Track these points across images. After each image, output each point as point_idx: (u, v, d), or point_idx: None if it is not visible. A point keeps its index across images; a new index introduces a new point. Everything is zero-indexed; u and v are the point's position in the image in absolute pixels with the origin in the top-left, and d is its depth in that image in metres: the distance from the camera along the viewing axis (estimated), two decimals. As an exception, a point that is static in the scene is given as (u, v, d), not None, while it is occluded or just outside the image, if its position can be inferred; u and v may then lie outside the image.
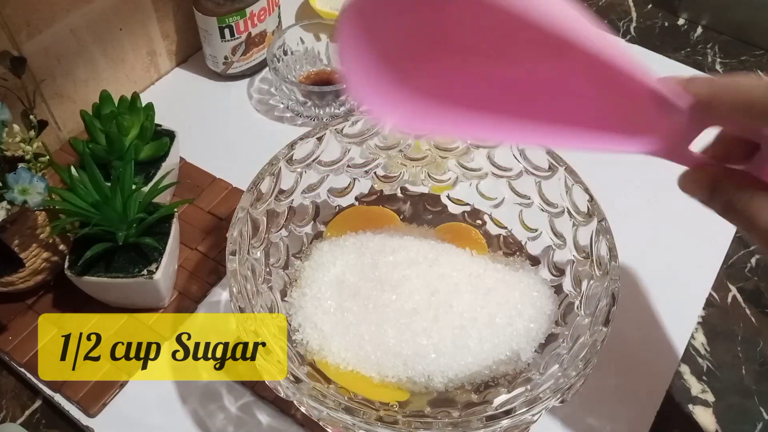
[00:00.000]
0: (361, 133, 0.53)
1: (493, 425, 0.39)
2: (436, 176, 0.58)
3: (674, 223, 0.63)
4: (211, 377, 0.52)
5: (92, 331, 0.53)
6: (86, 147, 0.53)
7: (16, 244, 0.49)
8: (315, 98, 0.67)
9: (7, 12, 0.55)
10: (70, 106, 0.65)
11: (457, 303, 0.50)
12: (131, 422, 0.50)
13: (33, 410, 0.52)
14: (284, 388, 0.42)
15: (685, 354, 0.56)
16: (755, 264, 0.62)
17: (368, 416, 0.39)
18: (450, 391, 0.48)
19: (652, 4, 0.87)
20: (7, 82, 0.51)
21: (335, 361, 0.48)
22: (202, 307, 0.56)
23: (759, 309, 0.59)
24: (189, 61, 0.76)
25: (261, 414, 0.51)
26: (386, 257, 0.52)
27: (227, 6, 0.66)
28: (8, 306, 0.54)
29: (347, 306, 0.50)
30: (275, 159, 0.50)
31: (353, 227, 0.56)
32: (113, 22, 0.65)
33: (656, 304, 0.57)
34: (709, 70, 0.78)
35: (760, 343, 0.57)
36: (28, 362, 0.52)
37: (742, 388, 0.55)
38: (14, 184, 0.45)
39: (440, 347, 0.48)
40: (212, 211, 0.61)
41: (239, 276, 0.44)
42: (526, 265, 0.54)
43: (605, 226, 0.46)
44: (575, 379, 0.41)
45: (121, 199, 0.50)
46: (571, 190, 0.49)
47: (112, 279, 0.50)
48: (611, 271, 0.44)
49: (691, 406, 0.54)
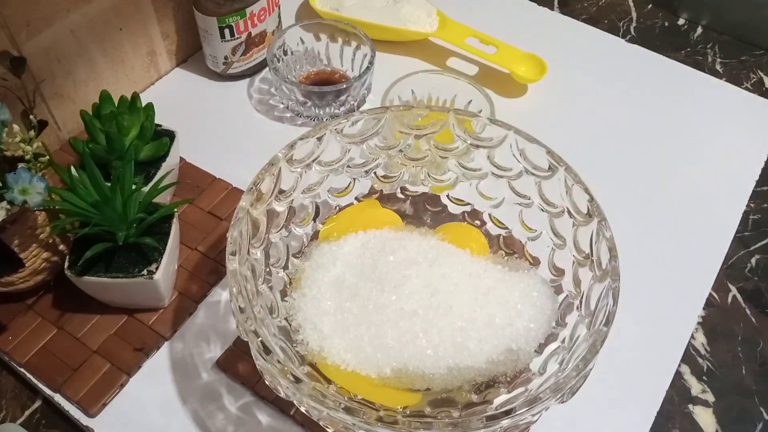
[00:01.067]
0: (361, 133, 0.53)
1: (493, 425, 0.39)
2: (436, 176, 0.58)
3: (674, 223, 0.63)
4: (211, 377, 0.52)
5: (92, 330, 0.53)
6: (86, 147, 0.53)
7: (16, 244, 0.49)
8: (315, 98, 0.67)
9: (7, 12, 0.55)
10: (70, 106, 0.65)
11: (456, 303, 0.50)
12: (131, 422, 0.50)
13: (33, 410, 0.52)
14: (284, 388, 0.42)
15: (685, 354, 0.56)
16: (755, 264, 0.62)
17: (368, 416, 0.39)
18: (450, 391, 0.48)
19: (652, 4, 0.87)
20: (7, 82, 0.51)
21: (335, 361, 0.48)
22: (202, 307, 0.56)
23: (759, 309, 0.59)
24: (189, 61, 0.76)
25: (261, 414, 0.51)
26: (386, 257, 0.52)
27: (227, 6, 0.66)
28: (8, 306, 0.54)
29: (347, 307, 0.50)
30: (275, 159, 0.50)
31: (353, 227, 0.56)
32: (113, 22, 0.65)
33: (656, 304, 0.57)
34: (709, 70, 0.78)
35: (760, 343, 0.57)
36: (28, 362, 0.52)
37: (742, 388, 0.55)
38: (14, 184, 0.45)
39: (440, 348, 0.48)
40: (212, 211, 0.61)
41: (239, 276, 0.44)
42: (526, 265, 0.54)
43: (605, 226, 0.46)
44: (575, 379, 0.41)
45: (121, 199, 0.50)
46: (571, 190, 0.49)
47: (112, 279, 0.50)
48: (611, 271, 0.44)
49: (691, 406, 0.54)
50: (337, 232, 0.56)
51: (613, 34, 0.82)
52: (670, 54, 0.79)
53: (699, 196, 0.65)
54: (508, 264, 0.54)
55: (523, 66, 0.73)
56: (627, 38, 0.82)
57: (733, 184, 0.67)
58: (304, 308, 0.50)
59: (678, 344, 0.56)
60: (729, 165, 0.68)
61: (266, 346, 0.41)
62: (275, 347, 0.42)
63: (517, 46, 0.74)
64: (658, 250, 0.61)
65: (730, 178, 0.67)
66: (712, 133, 0.71)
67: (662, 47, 0.80)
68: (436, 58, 0.77)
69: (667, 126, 0.71)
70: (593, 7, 0.87)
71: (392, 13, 0.75)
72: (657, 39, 0.83)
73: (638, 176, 0.67)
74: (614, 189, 0.64)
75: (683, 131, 0.71)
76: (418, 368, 0.48)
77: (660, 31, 0.84)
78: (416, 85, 0.66)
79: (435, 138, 0.54)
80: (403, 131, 0.54)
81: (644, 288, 0.58)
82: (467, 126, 0.53)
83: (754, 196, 0.66)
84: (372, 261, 0.52)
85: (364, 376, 0.48)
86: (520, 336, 0.49)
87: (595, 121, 0.71)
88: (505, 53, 0.73)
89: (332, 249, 0.54)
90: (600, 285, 0.46)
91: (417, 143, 0.55)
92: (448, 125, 0.53)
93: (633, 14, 0.86)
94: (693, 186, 0.66)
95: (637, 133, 0.70)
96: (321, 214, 0.57)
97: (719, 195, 0.66)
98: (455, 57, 0.77)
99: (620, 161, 0.68)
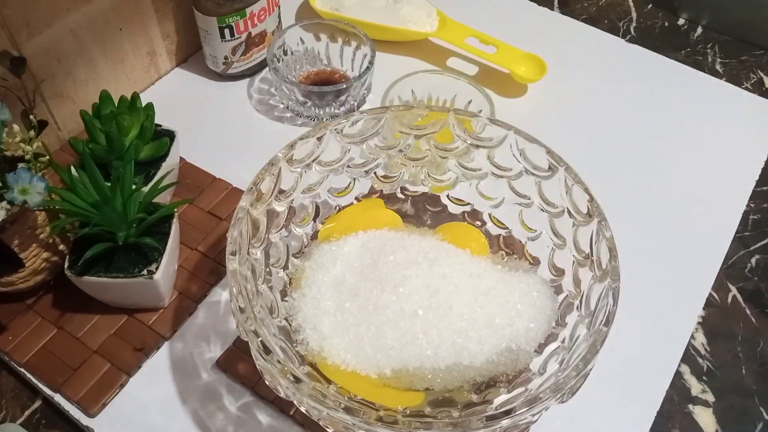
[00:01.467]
0: (361, 133, 0.53)
1: (493, 425, 0.39)
2: (436, 176, 0.58)
3: (674, 223, 0.63)
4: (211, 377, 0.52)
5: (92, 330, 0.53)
6: (86, 147, 0.53)
7: (16, 244, 0.49)
8: (315, 98, 0.67)
9: (7, 12, 0.55)
10: (70, 106, 0.65)
11: (456, 303, 0.50)
12: (131, 422, 0.50)
13: (33, 410, 0.52)
14: (284, 388, 0.42)
15: (685, 354, 0.56)
16: (755, 264, 0.62)
17: (368, 416, 0.39)
18: (450, 391, 0.48)
19: (652, 4, 0.87)
20: (7, 82, 0.51)
21: (335, 362, 0.48)
22: (202, 307, 0.56)
23: (759, 309, 0.59)
24: (189, 61, 0.76)
25: (261, 414, 0.51)
26: (386, 257, 0.52)
27: (227, 6, 0.66)
28: (8, 306, 0.54)
29: (347, 307, 0.50)
30: (275, 159, 0.50)
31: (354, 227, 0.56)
32: (113, 22, 0.65)
33: (656, 304, 0.57)
34: (709, 70, 0.78)
35: (760, 343, 0.57)
36: (28, 362, 0.52)
37: (742, 388, 0.55)
38: (14, 184, 0.45)
39: (440, 348, 0.48)
40: (212, 211, 0.61)
41: (239, 276, 0.44)
42: (526, 265, 0.54)
43: (605, 226, 0.46)
44: (575, 379, 0.41)
45: (121, 199, 0.50)
46: (571, 190, 0.49)
47: (112, 279, 0.50)
48: (611, 271, 0.44)
49: (691, 406, 0.54)
50: (337, 231, 0.56)
51: (613, 34, 0.82)
52: (670, 54, 0.79)
53: (699, 196, 0.65)
54: (508, 264, 0.54)
55: (523, 66, 0.73)
56: (627, 38, 0.82)
57: (733, 184, 0.67)
58: (304, 308, 0.50)
59: (678, 344, 0.56)
60: (729, 165, 0.68)
61: (266, 346, 0.41)
62: (275, 347, 0.42)
63: (517, 46, 0.74)
64: (658, 250, 0.61)
65: (730, 178, 0.67)
66: (712, 133, 0.71)
67: (662, 47, 0.80)
68: (436, 58, 0.77)
69: (667, 126, 0.71)
70: (593, 7, 0.87)
71: (392, 13, 0.75)
72: (657, 39, 0.83)
73: (638, 176, 0.67)
74: (614, 189, 0.64)
75: (683, 131, 0.71)
76: (418, 368, 0.48)
77: (660, 31, 0.84)
78: (416, 85, 0.66)
79: (435, 138, 0.54)
80: (403, 131, 0.54)
81: (644, 288, 0.58)
82: (467, 126, 0.53)
83: (754, 196, 0.66)
84: (372, 261, 0.52)
85: (364, 377, 0.48)
86: (520, 336, 0.49)
87: (595, 121, 0.71)
88: (505, 53, 0.73)
89: (332, 249, 0.54)
90: (600, 285, 0.46)
91: (417, 143, 0.55)
92: (448, 125, 0.53)
93: (633, 14, 0.86)
94: (693, 186, 0.66)
95: (637, 133, 0.70)
96: (321, 214, 0.57)
97: (719, 195, 0.66)
98: (455, 57, 0.77)
99: (620, 161, 0.68)
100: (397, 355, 0.48)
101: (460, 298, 0.50)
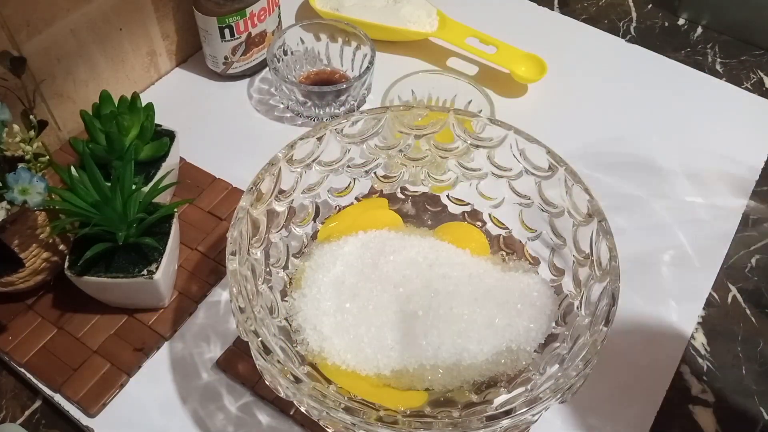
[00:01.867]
0: (361, 133, 0.53)
1: (493, 425, 0.39)
2: (436, 176, 0.58)
3: (674, 223, 0.63)
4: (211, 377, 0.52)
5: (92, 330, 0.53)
6: (86, 147, 0.53)
7: (16, 244, 0.49)
8: (315, 98, 0.67)
9: (7, 12, 0.55)
10: (70, 106, 0.65)
11: (456, 304, 0.50)
12: (131, 422, 0.50)
13: (33, 410, 0.52)
14: (284, 388, 0.42)
15: (685, 354, 0.56)
16: (755, 264, 0.62)
17: (368, 416, 0.39)
18: (450, 391, 0.48)
19: (652, 4, 0.87)
20: (7, 82, 0.51)
21: (335, 362, 0.48)
22: (202, 307, 0.56)
23: (759, 309, 0.59)
24: (189, 61, 0.76)
25: (261, 414, 0.51)
26: (386, 258, 0.52)
27: (227, 6, 0.66)
28: (8, 306, 0.54)
29: (347, 307, 0.50)
30: (275, 159, 0.50)
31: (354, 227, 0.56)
32: (113, 22, 0.65)
33: (656, 304, 0.57)
34: (709, 70, 0.78)
35: (760, 343, 0.57)
36: (28, 362, 0.52)
37: (742, 388, 0.55)
38: (14, 184, 0.45)
39: (440, 348, 0.48)
40: (212, 211, 0.61)
41: (239, 276, 0.44)
42: (526, 265, 0.54)
43: (605, 226, 0.46)
44: (575, 379, 0.41)
45: (121, 199, 0.50)
46: (571, 190, 0.49)
47: (112, 279, 0.50)
48: (611, 271, 0.44)
49: (691, 406, 0.54)
50: (338, 232, 0.56)
51: (613, 34, 0.82)
52: (670, 54, 0.79)
53: (699, 195, 0.65)
54: (508, 264, 0.54)
55: (523, 66, 0.73)
56: (627, 38, 0.82)
57: (733, 184, 0.67)
58: (304, 308, 0.50)
59: (678, 344, 0.56)
60: (729, 165, 0.68)
61: (266, 346, 0.41)
62: (275, 347, 0.42)
63: (517, 46, 0.74)
64: (658, 250, 0.61)
65: (730, 178, 0.67)
66: (712, 133, 0.71)
67: (662, 47, 0.80)
68: (436, 58, 0.77)
69: (667, 126, 0.71)
70: (593, 7, 0.87)
71: (392, 13, 0.75)
72: (657, 39, 0.83)
73: (638, 176, 0.67)
74: (614, 189, 0.64)
75: (683, 131, 0.71)
76: (418, 369, 0.48)
77: (660, 31, 0.84)
78: (416, 85, 0.66)
79: (435, 138, 0.54)
80: (403, 131, 0.54)
81: (644, 288, 0.58)
82: (467, 126, 0.53)
83: (754, 196, 0.66)
84: (372, 261, 0.52)
85: (364, 377, 0.48)
86: (520, 336, 0.49)
87: (595, 121, 0.71)
88: (505, 53, 0.73)
89: (332, 249, 0.54)
90: (600, 285, 0.46)
91: (417, 143, 0.55)
92: (448, 125, 0.53)
93: (633, 14, 0.86)
94: (693, 186, 0.66)
95: (637, 133, 0.70)
96: (321, 214, 0.57)
97: (719, 195, 0.66)
98: (455, 57, 0.77)
99: (620, 161, 0.68)
100: (397, 355, 0.48)
101: (460, 298, 0.50)
